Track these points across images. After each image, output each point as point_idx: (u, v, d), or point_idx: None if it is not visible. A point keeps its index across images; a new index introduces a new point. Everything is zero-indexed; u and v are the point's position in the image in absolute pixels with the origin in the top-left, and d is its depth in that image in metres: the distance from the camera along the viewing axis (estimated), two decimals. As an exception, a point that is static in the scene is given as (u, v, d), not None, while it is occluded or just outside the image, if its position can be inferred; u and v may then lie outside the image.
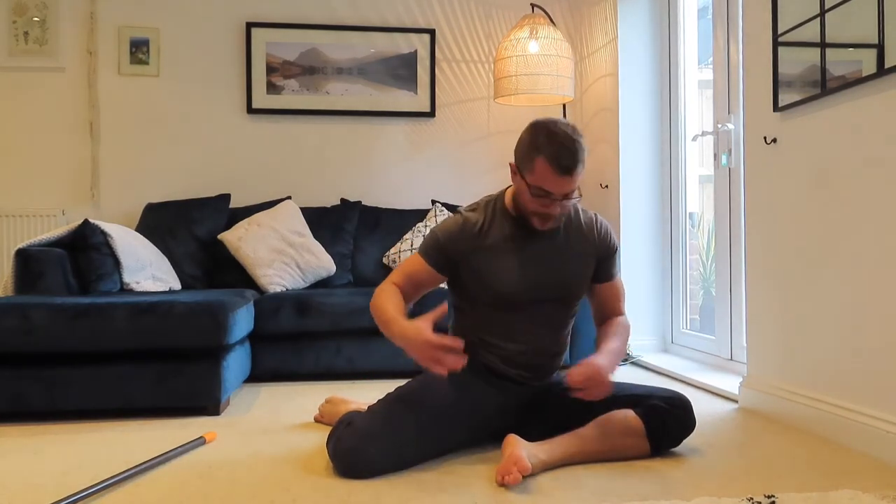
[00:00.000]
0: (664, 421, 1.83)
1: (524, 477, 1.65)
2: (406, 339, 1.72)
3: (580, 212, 2.02)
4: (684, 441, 1.91)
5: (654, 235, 3.60)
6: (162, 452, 1.89)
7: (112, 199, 3.83)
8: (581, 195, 1.86)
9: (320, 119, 4.00)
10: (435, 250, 1.92)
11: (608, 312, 2.05)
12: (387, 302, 1.84)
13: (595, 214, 2.04)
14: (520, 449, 1.69)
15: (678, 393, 1.91)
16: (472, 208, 1.98)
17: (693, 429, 1.89)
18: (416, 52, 4.04)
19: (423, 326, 1.68)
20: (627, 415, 1.84)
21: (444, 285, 2.02)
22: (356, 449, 1.71)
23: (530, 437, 1.82)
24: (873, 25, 1.87)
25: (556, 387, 2.02)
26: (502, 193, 1.99)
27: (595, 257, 1.99)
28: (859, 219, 1.96)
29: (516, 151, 1.88)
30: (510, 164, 1.90)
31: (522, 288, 1.90)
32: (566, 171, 1.77)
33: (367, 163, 4.04)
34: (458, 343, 1.65)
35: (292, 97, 3.95)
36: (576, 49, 4.13)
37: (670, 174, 3.57)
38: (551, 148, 1.77)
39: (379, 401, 1.87)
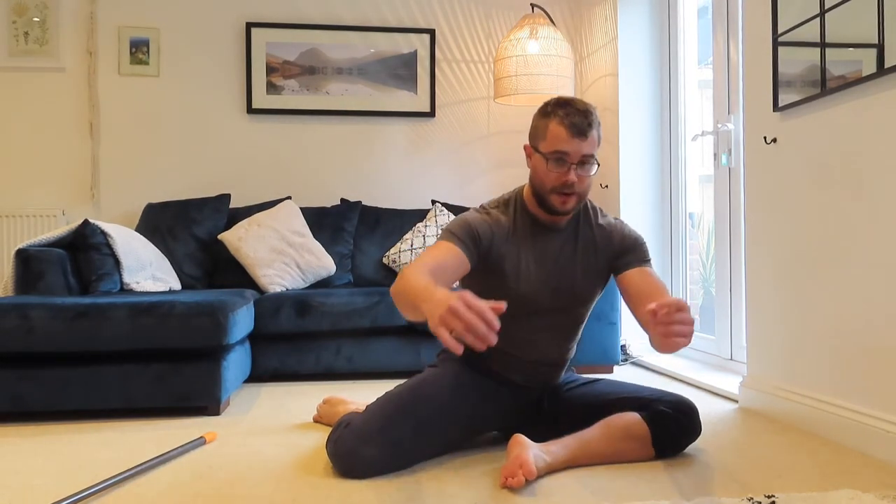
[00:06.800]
0: (669, 427, 1.81)
1: (527, 481, 1.62)
2: (434, 298, 1.38)
3: (598, 213, 1.95)
4: (685, 442, 1.91)
5: (654, 235, 3.60)
6: (162, 452, 1.89)
7: (112, 199, 3.83)
8: (599, 164, 1.81)
9: (320, 119, 4.00)
10: (466, 235, 1.79)
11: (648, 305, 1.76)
12: (416, 275, 1.58)
13: (616, 217, 1.98)
14: (527, 452, 1.66)
15: (684, 398, 1.87)
16: (495, 206, 1.90)
17: (698, 435, 1.87)
18: (416, 52, 4.04)
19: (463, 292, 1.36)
20: (633, 419, 1.80)
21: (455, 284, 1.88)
22: (353, 450, 1.70)
23: (534, 436, 1.80)
24: (873, 25, 1.87)
25: (562, 387, 1.99)
26: (520, 191, 1.93)
27: (610, 256, 1.90)
28: (859, 218, 1.96)
29: (530, 131, 1.85)
30: (525, 147, 1.86)
31: (541, 293, 1.85)
32: (579, 130, 1.74)
33: (367, 163, 4.04)
34: (500, 308, 1.33)
35: (292, 97, 3.95)
36: (576, 49, 4.13)
37: (670, 174, 3.57)
38: (562, 110, 1.76)
39: (376, 400, 1.84)
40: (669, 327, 1.41)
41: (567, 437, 1.80)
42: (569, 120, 1.74)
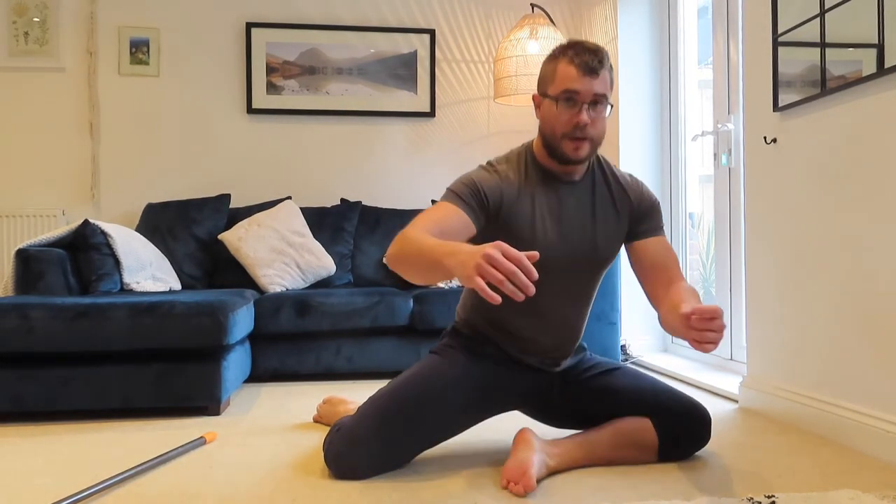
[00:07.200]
0: (679, 441, 1.78)
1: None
2: (463, 250, 1.36)
3: (613, 169, 1.87)
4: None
5: (654, 235, 3.60)
6: (162, 452, 1.89)
7: (112, 199, 3.83)
8: (612, 105, 1.72)
9: (320, 119, 4.00)
10: (471, 195, 1.68)
11: (663, 278, 1.75)
12: (424, 235, 1.53)
13: (630, 174, 1.90)
14: (531, 457, 1.62)
15: (699, 409, 1.80)
16: (502, 161, 1.80)
17: (705, 444, 1.84)
18: (416, 52, 4.04)
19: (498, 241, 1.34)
20: (644, 428, 1.76)
21: None
22: (343, 454, 1.69)
23: (541, 418, 1.79)
24: (873, 25, 1.87)
25: (575, 373, 1.88)
26: (529, 145, 1.83)
27: (628, 216, 1.83)
28: (859, 218, 1.96)
29: (538, 80, 1.78)
30: (533, 97, 1.79)
31: (558, 251, 1.74)
32: (589, 68, 1.66)
33: (367, 163, 4.04)
34: (534, 256, 1.31)
35: (292, 97, 3.95)
36: (576, 49, 4.12)
37: (670, 174, 3.57)
38: (571, 50, 1.69)
39: (369, 398, 1.77)
40: (703, 334, 1.41)
41: (574, 439, 1.77)
42: (579, 59, 1.67)
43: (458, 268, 1.34)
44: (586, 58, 1.67)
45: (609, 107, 1.71)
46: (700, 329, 1.41)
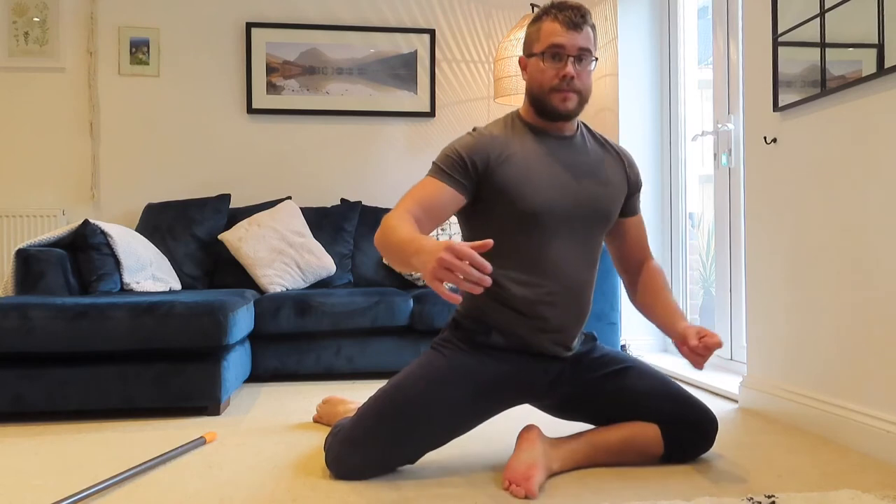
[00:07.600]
0: (685, 449, 1.79)
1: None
2: (423, 250, 1.41)
3: (608, 139, 1.93)
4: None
5: (654, 235, 3.60)
6: (162, 452, 1.89)
7: (112, 199, 3.83)
8: (597, 59, 1.79)
9: (320, 119, 4.00)
10: (453, 167, 1.71)
11: (639, 254, 1.94)
12: (400, 225, 1.58)
13: (617, 143, 1.96)
14: (537, 461, 1.62)
15: (709, 417, 1.80)
16: (489, 125, 1.84)
17: (709, 450, 1.85)
18: (416, 52, 4.04)
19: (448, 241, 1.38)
20: (652, 436, 1.76)
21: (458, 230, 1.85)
22: (343, 456, 1.68)
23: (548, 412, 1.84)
24: (873, 25, 1.88)
25: (585, 365, 1.84)
26: (515, 111, 1.87)
27: (626, 181, 1.89)
28: (859, 218, 1.96)
29: (523, 44, 1.84)
30: (519, 61, 1.83)
31: (557, 199, 1.75)
32: (573, 23, 1.73)
33: (368, 163, 4.05)
34: (486, 245, 1.37)
35: (292, 97, 3.95)
36: (576, 49, 4.12)
37: (670, 174, 3.57)
38: (554, 9, 1.76)
39: (367, 400, 1.75)
40: (704, 358, 1.69)
41: (578, 441, 1.76)
42: (562, 15, 1.74)
43: (420, 269, 1.42)
44: (569, 13, 1.75)
45: (594, 61, 1.78)
46: (702, 354, 1.68)
